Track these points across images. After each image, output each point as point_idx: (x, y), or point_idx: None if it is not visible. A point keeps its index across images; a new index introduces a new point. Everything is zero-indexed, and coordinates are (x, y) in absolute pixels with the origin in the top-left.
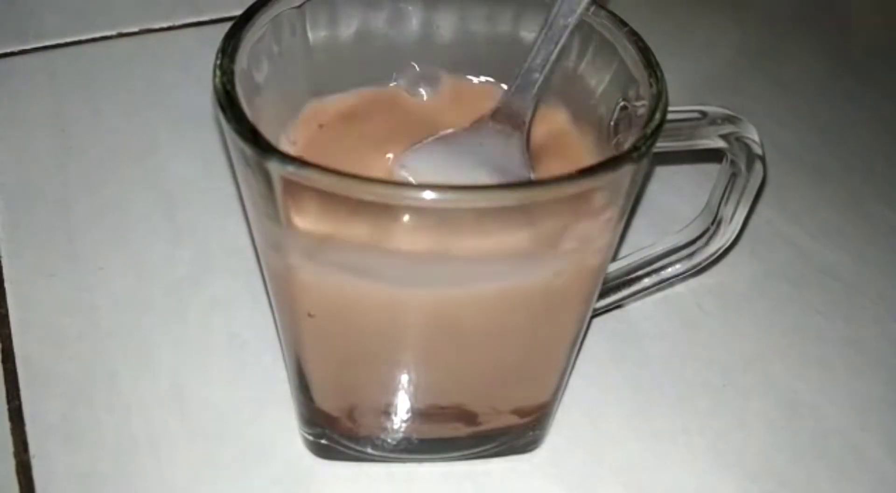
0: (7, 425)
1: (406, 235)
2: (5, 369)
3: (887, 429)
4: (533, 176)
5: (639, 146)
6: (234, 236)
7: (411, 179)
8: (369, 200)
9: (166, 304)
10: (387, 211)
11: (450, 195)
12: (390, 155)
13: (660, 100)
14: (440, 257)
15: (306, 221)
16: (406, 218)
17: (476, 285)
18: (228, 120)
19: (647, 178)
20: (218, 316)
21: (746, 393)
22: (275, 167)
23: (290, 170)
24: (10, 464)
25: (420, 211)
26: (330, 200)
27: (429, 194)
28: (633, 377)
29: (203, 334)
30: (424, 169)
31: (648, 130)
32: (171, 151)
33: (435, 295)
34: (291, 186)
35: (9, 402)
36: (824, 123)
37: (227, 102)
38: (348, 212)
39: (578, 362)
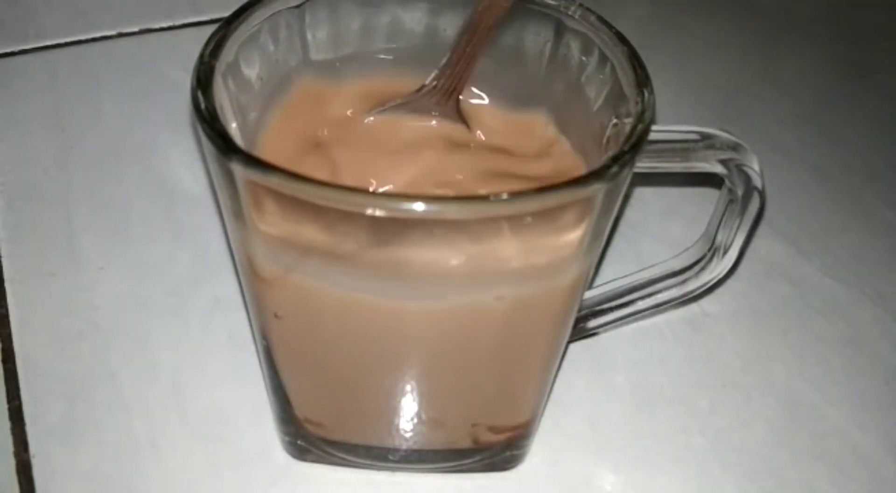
0: (7, 425)
1: (365, 244)
2: (5, 369)
3: (887, 429)
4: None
5: (610, 165)
6: None
7: None
8: (328, 206)
9: (166, 304)
10: (347, 218)
11: (403, 205)
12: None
13: (640, 120)
14: (395, 270)
15: (268, 223)
16: (366, 226)
17: (432, 300)
18: (201, 119)
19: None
20: (218, 316)
21: (746, 393)
22: (237, 168)
23: (251, 172)
24: (10, 464)
25: (375, 220)
26: (289, 203)
27: (383, 203)
28: (632, 377)
29: (203, 334)
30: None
31: (625, 148)
32: (171, 151)
33: (392, 309)
34: (254, 187)
35: (9, 402)
36: (824, 123)
37: (201, 98)
38: (308, 216)
39: (577, 362)
